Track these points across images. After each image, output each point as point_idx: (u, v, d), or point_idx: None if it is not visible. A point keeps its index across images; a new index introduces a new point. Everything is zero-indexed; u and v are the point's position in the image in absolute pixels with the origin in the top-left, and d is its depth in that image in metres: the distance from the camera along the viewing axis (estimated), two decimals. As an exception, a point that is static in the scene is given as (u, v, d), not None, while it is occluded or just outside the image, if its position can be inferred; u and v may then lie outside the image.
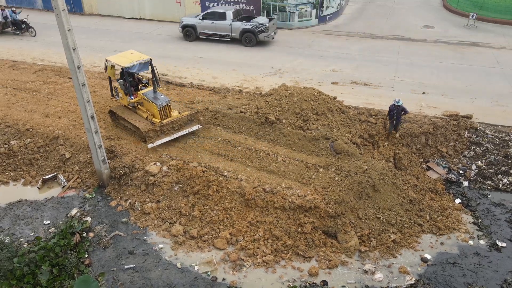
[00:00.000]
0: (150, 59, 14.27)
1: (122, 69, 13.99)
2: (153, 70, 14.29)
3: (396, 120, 14.49)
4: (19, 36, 25.45)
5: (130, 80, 14.48)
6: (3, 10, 24.72)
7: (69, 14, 10.63)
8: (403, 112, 14.26)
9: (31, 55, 22.37)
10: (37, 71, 20.24)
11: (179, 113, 14.68)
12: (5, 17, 24.77)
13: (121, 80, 14.55)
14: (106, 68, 14.44)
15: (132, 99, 14.57)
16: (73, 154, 14.25)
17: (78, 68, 11.23)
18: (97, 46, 23.50)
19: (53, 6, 10.30)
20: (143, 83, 15.11)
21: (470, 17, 26.51)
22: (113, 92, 15.40)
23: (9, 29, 25.51)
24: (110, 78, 15.02)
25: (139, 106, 14.82)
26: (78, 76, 11.30)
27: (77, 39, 11.10)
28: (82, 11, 31.11)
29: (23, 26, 25.14)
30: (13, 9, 25.60)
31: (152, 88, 14.62)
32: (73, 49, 10.92)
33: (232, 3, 27.45)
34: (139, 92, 14.56)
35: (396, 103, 14.10)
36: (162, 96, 14.30)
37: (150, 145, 13.77)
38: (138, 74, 15.23)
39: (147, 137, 13.82)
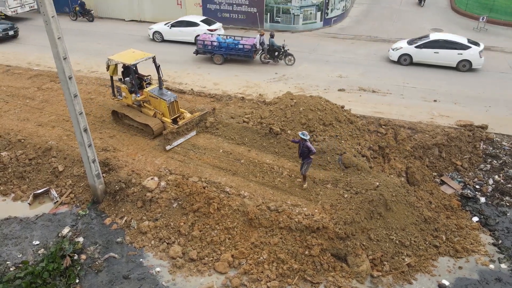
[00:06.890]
0: (154, 56, 14.33)
1: (127, 67, 14.14)
2: (157, 67, 14.35)
3: (302, 161, 11.66)
4: (271, 64, 21.02)
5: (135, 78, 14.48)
6: (262, 35, 20.74)
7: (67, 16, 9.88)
8: (310, 152, 11.27)
9: (27, 60, 21.59)
10: (32, 76, 19.49)
11: (190, 113, 14.80)
12: (262, 43, 20.79)
13: (128, 78, 14.50)
14: (108, 68, 14.28)
15: (139, 96, 14.49)
16: (67, 167, 13.48)
17: (70, 78, 10.47)
18: (94, 50, 22.61)
19: (42, 12, 9.55)
20: (146, 82, 15.00)
21: (480, 19, 25.63)
22: (115, 92, 15.11)
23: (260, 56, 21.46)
24: (111, 77, 14.77)
25: (145, 104, 14.68)
26: (70, 87, 10.53)
27: (74, 42, 10.40)
28: (80, 13, 30.35)
29: (277, 54, 20.86)
30: (271, 33, 21.13)
31: (156, 86, 14.57)
32: (64, 59, 10.15)
33: (234, 5, 26.73)
34: (144, 90, 14.52)
35: (301, 135, 11.16)
36: (169, 92, 14.41)
37: (168, 147, 13.74)
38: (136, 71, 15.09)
39: (166, 139, 13.67)
